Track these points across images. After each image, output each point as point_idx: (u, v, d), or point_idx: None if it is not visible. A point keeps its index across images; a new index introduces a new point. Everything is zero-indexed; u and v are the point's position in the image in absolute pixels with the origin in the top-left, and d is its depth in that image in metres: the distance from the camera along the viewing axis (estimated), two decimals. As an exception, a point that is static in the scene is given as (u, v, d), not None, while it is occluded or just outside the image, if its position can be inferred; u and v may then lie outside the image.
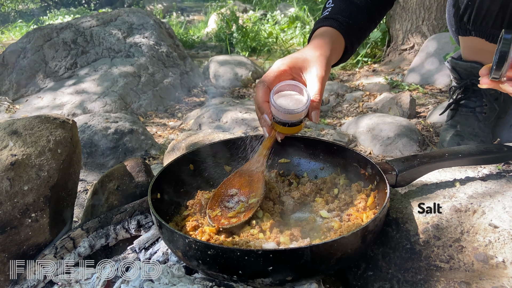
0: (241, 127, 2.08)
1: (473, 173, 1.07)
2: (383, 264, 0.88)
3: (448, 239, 0.85)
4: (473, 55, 1.41)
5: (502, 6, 1.16)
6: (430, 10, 3.18)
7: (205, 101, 2.94)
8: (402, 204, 0.97)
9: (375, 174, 0.96)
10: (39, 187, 0.98)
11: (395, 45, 3.45)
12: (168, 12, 8.16)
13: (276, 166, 1.17)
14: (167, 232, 0.80)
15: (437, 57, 2.76)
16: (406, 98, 2.14)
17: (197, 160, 1.11)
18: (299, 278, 0.76)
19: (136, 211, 1.04)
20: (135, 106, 2.72)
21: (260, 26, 5.30)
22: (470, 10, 1.22)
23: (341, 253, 0.74)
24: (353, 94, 2.63)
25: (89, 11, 8.33)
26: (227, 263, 0.73)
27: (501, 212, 0.86)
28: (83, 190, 1.72)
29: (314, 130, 2.05)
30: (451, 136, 1.51)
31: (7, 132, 0.99)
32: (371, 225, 0.77)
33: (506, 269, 0.77)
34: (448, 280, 0.79)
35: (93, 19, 3.32)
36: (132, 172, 1.16)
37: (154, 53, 3.17)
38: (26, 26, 7.29)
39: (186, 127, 2.39)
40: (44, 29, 3.16)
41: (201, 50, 5.09)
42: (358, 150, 1.42)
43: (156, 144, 2.05)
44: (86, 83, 2.79)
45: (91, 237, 1.01)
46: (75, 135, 1.11)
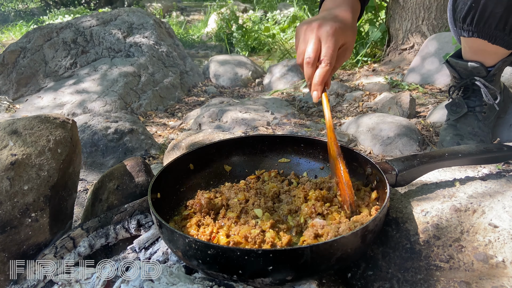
0: (241, 127, 2.08)
1: (473, 172, 1.07)
2: (383, 263, 0.88)
3: (448, 239, 0.85)
4: (475, 55, 1.41)
5: (506, 9, 1.16)
6: (430, 9, 3.18)
7: (205, 101, 2.94)
8: (402, 203, 0.97)
9: (375, 173, 0.96)
10: (39, 186, 0.98)
11: (395, 45, 3.45)
12: (168, 11, 8.15)
13: (276, 165, 1.17)
14: (167, 232, 0.80)
15: (437, 56, 2.76)
16: (406, 98, 2.14)
17: (197, 160, 1.11)
18: (299, 278, 0.76)
19: (136, 211, 1.04)
20: (135, 105, 2.72)
21: (260, 26, 5.30)
22: (473, 12, 1.21)
23: (341, 252, 0.74)
24: (353, 94, 2.63)
25: (89, 10, 8.33)
26: (227, 262, 0.73)
27: (501, 211, 0.86)
28: (83, 189, 1.72)
29: (314, 130, 2.05)
30: (450, 136, 1.51)
31: (7, 132, 0.99)
32: (371, 224, 0.77)
33: (506, 268, 0.77)
34: (448, 280, 0.79)
35: (93, 19, 3.32)
36: (132, 172, 1.16)
37: (154, 52, 3.17)
38: (26, 26, 7.29)
39: (186, 127, 2.39)
40: (44, 28, 3.16)
41: (201, 50, 5.10)
42: (358, 150, 1.42)
43: (156, 144, 2.05)
44: (86, 83, 2.79)
45: (91, 236, 1.01)
46: (75, 135, 1.11)
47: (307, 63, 0.93)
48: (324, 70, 0.92)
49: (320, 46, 0.93)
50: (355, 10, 1.05)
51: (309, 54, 0.92)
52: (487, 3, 1.17)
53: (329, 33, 0.91)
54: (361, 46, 3.60)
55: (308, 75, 0.95)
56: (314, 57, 0.92)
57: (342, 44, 0.97)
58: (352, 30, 1.00)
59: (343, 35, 0.95)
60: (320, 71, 0.92)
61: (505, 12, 1.17)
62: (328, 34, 0.91)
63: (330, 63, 0.91)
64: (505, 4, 1.15)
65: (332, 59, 0.92)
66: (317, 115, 2.42)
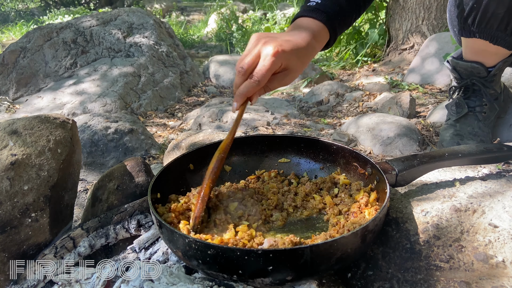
0: (241, 127, 2.09)
1: (473, 172, 1.07)
2: (383, 263, 0.88)
3: (448, 239, 0.85)
4: (475, 56, 1.41)
5: (508, 9, 1.16)
6: (430, 9, 3.18)
7: (205, 101, 2.94)
8: (402, 203, 0.97)
9: (375, 173, 0.96)
10: (39, 186, 0.98)
11: (395, 45, 3.45)
12: (168, 11, 8.16)
13: (276, 165, 1.17)
14: (167, 232, 0.80)
15: (437, 57, 2.76)
16: (406, 98, 2.14)
17: (197, 160, 1.11)
18: (299, 278, 0.76)
19: (136, 211, 1.04)
20: (135, 106, 2.72)
21: (260, 26, 5.30)
22: (475, 13, 1.21)
23: (341, 252, 0.74)
24: (353, 94, 2.63)
25: (89, 10, 8.33)
26: (227, 262, 0.73)
27: (501, 211, 0.86)
28: (83, 190, 1.72)
29: (314, 130, 2.05)
30: (451, 136, 1.51)
31: (7, 132, 0.99)
32: (371, 224, 0.77)
33: (506, 268, 0.77)
34: (448, 280, 0.79)
35: (93, 19, 3.32)
36: (132, 172, 1.16)
37: (154, 52, 3.17)
38: (26, 25, 7.30)
39: (186, 127, 2.39)
40: (44, 28, 3.16)
41: (201, 50, 5.10)
42: (358, 150, 1.42)
43: (156, 144, 2.05)
44: (86, 83, 2.79)
45: (91, 236, 1.01)
46: (75, 135, 1.11)
47: (238, 71, 0.92)
48: (249, 85, 0.90)
49: (257, 61, 0.91)
50: (318, 38, 1.02)
51: (243, 65, 0.91)
52: (489, 4, 1.17)
53: (269, 53, 0.90)
54: (361, 46, 3.60)
55: (235, 84, 0.94)
56: (246, 69, 0.91)
57: (284, 68, 0.95)
58: (299, 58, 0.96)
59: (285, 60, 0.92)
60: (246, 84, 0.91)
61: (506, 13, 1.17)
62: (268, 53, 0.90)
63: (258, 80, 0.90)
64: (507, 5, 1.15)
65: (261, 77, 0.90)
66: (317, 115, 2.42)
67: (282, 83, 0.98)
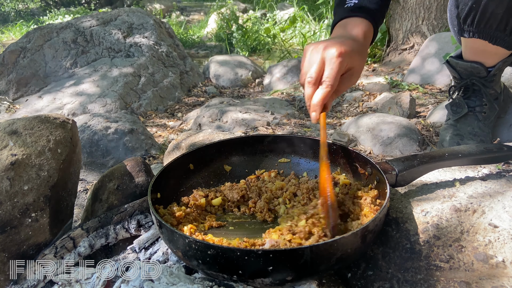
0: (241, 127, 2.08)
1: (473, 173, 1.07)
2: (383, 263, 0.88)
3: (448, 239, 0.85)
4: (475, 56, 1.41)
5: (507, 9, 1.16)
6: (430, 9, 3.18)
7: (205, 101, 2.94)
8: (402, 203, 0.97)
9: (375, 173, 0.96)
10: (39, 186, 0.98)
11: (395, 45, 3.45)
12: (168, 12, 8.16)
13: (276, 165, 1.17)
14: (167, 232, 0.80)
15: (437, 57, 2.76)
16: (406, 98, 2.14)
17: (197, 160, 1.11)
18: (299, 278, 0.76)
19: (136, 211, 1.04)
20: (135, 106, 2.72)
21: (260, 26, 5.30)
22: (474, 13, 1.21)
23: (341, 253, 0.74)
24: (353, 94, 2.63)
25: (89, 10, 8.33)
26: (227, 263, 0.73)
27: (501, 211, 0.86)
28: (83, 190, 1.72)
29: (314, 130, 2.05)
30: (450, 136, 1.51)
31: (7, 132, 0.99)
32: (371, 224, 0.77)
33: (506, 268, 0.77)
34: (448, 280, 0.79)
35: (93, 19, 3.32)
36: (132, 172, 1.16)
37: (154, 53, 3.17)
38: (26, 26, 7.30)
39: (186, 127, 2.39)
40: (44, 29, 3.16)
41: (201, 50, 5.10)
42: (358, 150, 1.42)
43: (156, 144, 2.05)
44: (86, 83, 2.79)
45: (91, 237, 1.01)
46: (75, 135, 1.11)
47: (308, 82, 0.92)
48: (324, 92, 0.90)
49: (324, 67, 0.92)
50: (367, 35, 1.04)
51: (311, 74, 0.91)
52: (488, 4, 1.17)
53: (334, 55, 0.90)
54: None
55: (308, 95, 0.94)
56: (315, 78, 0.91)
57: (348, 69, 0.96)
58: (360, 55, 0.98)
59: (349, 59, 0.93)
60: (319, 92, 0.91)
61: (505, 13, 1.17)
62: (333, 56, 0.90)
63: (331, 85, 0.90)
64: (506, 5, 1.15)
65: (333, 81, 0.90)
66: (317, 115, 2.42)
67: (350, 83, 0.99)
